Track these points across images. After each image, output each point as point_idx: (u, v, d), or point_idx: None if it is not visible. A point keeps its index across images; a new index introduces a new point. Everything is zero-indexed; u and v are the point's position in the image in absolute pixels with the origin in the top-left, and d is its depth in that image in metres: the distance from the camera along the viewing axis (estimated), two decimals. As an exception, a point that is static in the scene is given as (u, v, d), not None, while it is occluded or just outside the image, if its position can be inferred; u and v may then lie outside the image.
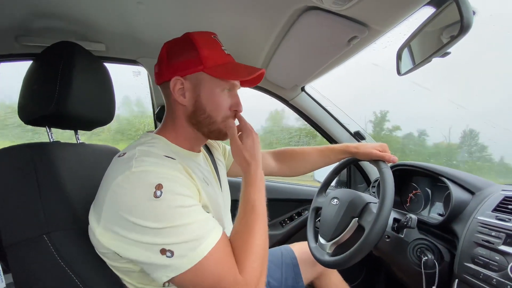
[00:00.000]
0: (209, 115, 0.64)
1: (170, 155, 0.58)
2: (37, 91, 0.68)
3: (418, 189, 1.04)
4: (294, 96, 1.37)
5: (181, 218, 0.49)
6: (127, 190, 0.50)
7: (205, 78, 0.63)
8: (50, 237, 0.58)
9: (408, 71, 0.75)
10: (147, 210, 0.48)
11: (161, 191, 0.49)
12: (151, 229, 0.48)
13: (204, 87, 0.63)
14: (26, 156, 0.61)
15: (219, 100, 0.64)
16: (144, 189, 0.49)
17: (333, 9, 0.69)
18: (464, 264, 0.67)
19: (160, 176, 0.51)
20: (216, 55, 0.64)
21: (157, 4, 0.80)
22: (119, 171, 0.52)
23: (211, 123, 0.65)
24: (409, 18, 0.68)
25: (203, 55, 0.62)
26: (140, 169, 0.51)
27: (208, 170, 0.75)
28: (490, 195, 0.77)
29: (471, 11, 0.51)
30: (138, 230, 0.49)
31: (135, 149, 0.57)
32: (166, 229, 0.48)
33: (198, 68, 0.62)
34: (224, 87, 0.64)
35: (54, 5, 0.80)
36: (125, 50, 1.12)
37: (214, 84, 0.63)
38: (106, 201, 0.51)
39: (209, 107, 0.64)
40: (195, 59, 0.62)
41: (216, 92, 0.64)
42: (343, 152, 0.95)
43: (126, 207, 0.49)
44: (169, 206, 0.49)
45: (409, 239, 0.80)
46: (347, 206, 0.84)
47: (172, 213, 0.49)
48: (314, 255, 0.86)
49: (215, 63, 0.63)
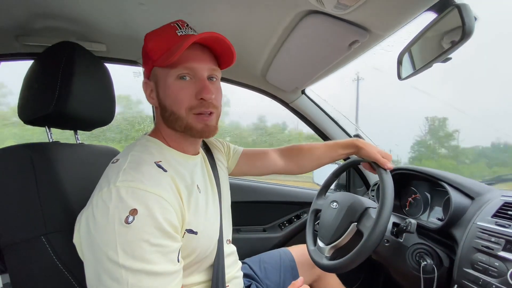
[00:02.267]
0: (171, 111, 0.58)
1: (163, 164, 0.56)
2: (38, 91, 0.68)
3: (418, 193, 1.04)
4: (295, 98, 1.37)
5: (140, 259, 0.45)
6: (104, 205, 0.47)
7: (158, 72, 0.59)
8: (47, 238, 0.58)
9: (408, 76, 0.75)
10: (112, 234, 0.45)
11: (134, 218, 0.46)
12: (107, 260, 0.45)
13: (160, 81, 0.59)
14: (25, 156, 0.60)
15: (174, 90, 0.57)
16: (118, 210, 0.46)
17: (334, 13, 0.69)
18: (463, 269, 0.66)
19: (139, 198, 0.48)
20: (161, 42, 0.58)
21: (159, 5, 0.80)
22: (107, 181, 0.51)
23: (177, 119, 0.58)
24: (410, 23, 0.68)
25: (149, 49, 0.59)
26: (123, 184, 0.49)
27: (204, 174, 0.72)
28: (490, 201, 0.76)
29: (472, 17, 0.51)
30: (97, 253, 0.46)
31: (128, 155, 0.56)
32: (119, 269, 0.44)
33: (149, 65, 0.59)
34: (178, 74, 0.57)
35: (55, 5, 0.80)
36: (126, 51, 1.12)
37: (166, 75, 0.57)
38: (88, 209, 0.50)
39: (167, 102, 0.58)
40: (146, 56, 0.60)
41: (169, 82, 0.57)
42: (351, 146, 0.93)
43: (96, 224, 0.47)
44: (136, 237, 0.45)
45: (408, 244, 0.80)
46: (346, 210, 0.84)
47: (135, 246, 0.45)
48: (313, 258, 0.85)
49: (160, 52, 0.57)
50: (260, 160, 0.97)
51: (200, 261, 0.63)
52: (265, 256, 1.03)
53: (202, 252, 0.61)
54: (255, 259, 1.01)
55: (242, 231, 1.44)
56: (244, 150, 0.97)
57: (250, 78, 1.31)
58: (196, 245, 0.59)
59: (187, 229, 0.56)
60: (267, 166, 0.98)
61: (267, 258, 1.02)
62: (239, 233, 1.43)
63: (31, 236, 0.57)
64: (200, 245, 0.60)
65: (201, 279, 0.66)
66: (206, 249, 0.62)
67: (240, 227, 1.45)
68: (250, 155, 0.96)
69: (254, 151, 0.98)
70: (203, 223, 0.61)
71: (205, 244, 0.62)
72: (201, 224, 0.60)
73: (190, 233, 0.57)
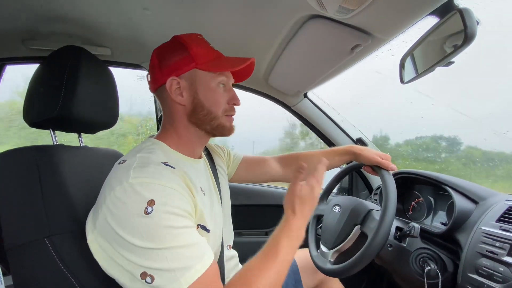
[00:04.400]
0: (209, 110, 0.64)
1: (170, 163, 0.57)
2: (43, 94, 0.69)
3: (421, 197, 1.04)
4: (297, 102, 1.37)
5: (169, 240, 0.48)
6: (121, 202, 0.49)
7: (199, 75, 0.63)
8: (51, 240, 0.58)
9: (411, 79, 0.75)
10: (135, 227, 0.47)
11: (152, 208, 0.48)
12: (136, 247, 0.47)
13: (200, 83, 0.63)
14: (30, 159, 0.61)
15: (216, 94, 0.65)
16: (136, 203, 0.48)
17: (337, 17, 0.69)
18: (468, 275, 0.66)
19: (154, 190, 0.50)
20: (205, 51, 0.65)
21: (163, 10, 0.81)
22: (118, 180, 0.52)
23: (212, 119, 0.65)
24: (413, 27, 0.69)
25: (193, 53, 0.63)
26: (136, 180, 0.50)
27: (208, 177, 0.74)
28: (494, 205, 0.76)
29: (475, 22, 0.52)
30: (124, 245, 0.48)
31: (135, 156, 0.57)
32: (151, 251, 0.47)
33: (191, 66, 0.62)
34: (219, 81, 0.65)
35: (60, 10, 0.82)
36: (130, 55, 1.13)
37: (209, 79, 0.64)
38: (102, 210, 0.51)
39: (207, 102, 0.64)
40: (186, 57, 0.63)
41: (212, 86, 0.64)
42: (347, 153, 0.94)
43: (117, 220, 0.48)
44: (158, 225, 0.47)
45: (411, 248, 0.79)
46: (349, 213, 0.83)
47: (160, 233, 0.47)
48: (316, 263, 0.85)
49: (206, 59, 0.63)
50: (259, 167, 0.98)
51: None
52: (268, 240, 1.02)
53: None
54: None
55: (243, 234, 1.44)
56: (244, 157, 0.97)
57: (253, 81, 1.32)
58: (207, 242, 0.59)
59: (199, 224, 0.58)
60: (266, 174, 0.99)
61: None
62: (241, 237, 1.42)
63: (35, 238, 0.58)
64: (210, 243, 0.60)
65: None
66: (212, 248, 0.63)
67: (242, 231, 1.44)
68: (249, 162, 0.97)
69: (253, 158, 0.99)
70: (210, 223, 0.62)
71: (212, 243, 0.63)
72: (210, 223, 0.61)
73: (203, 230, 0.58)
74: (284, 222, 0.62)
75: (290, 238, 0.59)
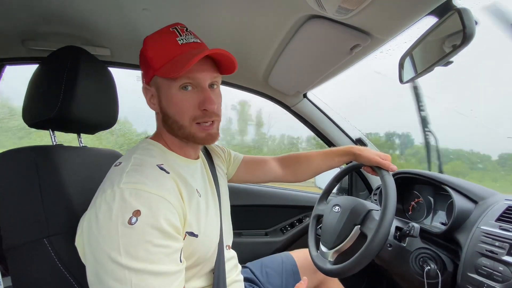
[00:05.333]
0: (174, 119, 0.59)
1: (165, 167, 0.57)
2: (42, 95, 0.69)
3: (420, 197, 1.04)
4: (296, 102, 1.37)
5: (143, 259, 0.45)
6: (107, 207, 0.47)
7: (160, 81, 0.58)
8: (50, 241, 0.58)
9: (410, 79, 0.75)
10: (115, 235, 0.45)
11: (137, 219, 0.46)
12: (109, 260, 0.45)
13: (162, 90, 0.59)
14: (29, 159, 0.61)
15: (177, 101, 0.58)
16: (122, 211, 0.46)
17: (336, 17, 0.69)
18: (468, 274, 0.66)
19: (143, 199, 0.48)
20: (163, 52, 0.57)
21: (162, 10, 0.81)
22: (111, 183, 0.51)
23: (180, 128, 0.60)
24: (412, 27, 0.69)
25: (149, 57, 0.58)
26: (127, 186, 0.49)
27: (204, 178, 0.73)
28: (494, 205, 0.76)
29: (473, 21, 0.52)
30: (98, 254, 0.46)
31: (130, 158, 0.56)
32: (122, 269, 0.44)
33: (150, 73, 0.59)
34: (181, 84, 0.57)
35: (60, 11, 0.82)
36: (130, 55, 1.13)
37: (168, 85, 0.57)
38: (90, 211, 0.50)
39: (170, 111, 0.59)
40: (146, 64, 0.59)
41: (172, 93, 0.57)
42: (347, 153, 0.94)
43: (99, 225, 0.47)
44: (138, 238, 0.45)
45: (411, 248, 0.79)
46: (349, 214, 0.83)
47: (137, 247, 0.45)
48: (316, 263, 0.85)
49: (162, 62, 0.57)
50: (259, 168, 0.98)
51: (200, 264, 0.63)
52: (267, 260, 1.02)
53: (202, 256, 0.61)
54: (256, 263, 1.01)
55: (243, 235, 1.44)
56: (245, 157, 0.97)
57: (252, 82, 1.32)
58: (196, 247, 0.59)
59: (187, 231, 0.56)
60: (266, 174, 0.99)
61: (269, 262, 1.01)
62: (241, 237, 1.42)
63: (34, 238, 0.58)
64: (200, 248, 0.60)
65: (201, 284, 0.65)
66: (206, 252, 0.62)
67: (242, 231, 1.44)
68: (249, 162, 0.97)
69: (254, 158, 0.99)
70: (203, 226, 0.61)
71: (205, 247, 0.62)
72: (202, 227, 0.60)
73: (191, 236, 0.57)
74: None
75: None
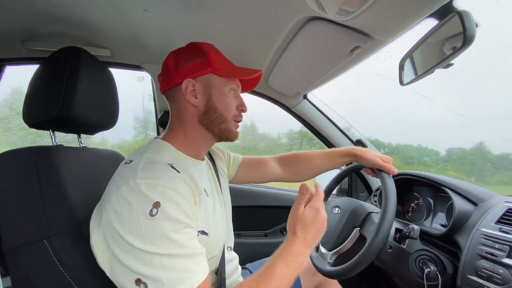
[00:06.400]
0: (221, 113, 0.67)
1: (175, 166, 0.58)
2: (43, 95, 0.69)
3: (420, 199, 1.04)
4: (296, 103, 1.37)
5: (169, 246, 0.48)
6: (126, 201, 0.49)
7: (214, 80, 0.67)
8: (50, 242, 0.58)
9: (410, 81, 0.75)
10: (138, 227, 0.47)
11: (158, 210, 0.48)
12: (135, 250, 0.47)
13: (214, 87, 0.67)
14: (29, 160, 0.61)
15: (228, 99, 0.68)
16: (141, 204, 0.48)
17: (336, 19, 0.69)
18: (467, 276, 0.66)
19: (160, 193, 0.50)
20: (221, 59, 0.69)
21: (163, 11, 0.81)
22: (124, 179, 0.52)
23: (222, 122, 0.68)
24: (412, 29, 0.69)
25: (211, 59, 0.67)
26: (143, 181, 0.51)
27: (210, 179, 0.75)
28: (493, 207, 0.76)
29: (474, 24, 0.52)
30: (123, 246, 0.48)
31: (141, 156, 0.57)
32: (149, 255, 0.47)
33: (207, 70, 0.66)
34: (231, 87, 0.69)
35: (60, 11, 0.82)
36: (130, 56, 1.13)
37: (223, 85, 0.68)
38: (107, 209, 0.51)
39: (220, 106, 0.67)
40: (204, 62, 0.66)
41: (225, 91, 0.68)
42: (349, 154, 0.93)
43: (121, 219, 0.48)
44: (161, 228, 0.48)
45: (411, 250, 0.79)
46: (348, 216, 0.83)
47: (161, 237, 0.48)
48: (315, 264, 0.85)
49: (222, 66, 0.68)
50: (259, 168, 0.98)
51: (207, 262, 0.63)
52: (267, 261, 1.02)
53: (210, 253, 0.62)
54: (256, 264, 1.01)
55: (243, 236, 1.43)
56: (244, 158, 0.98)
57: (252, 83, 1.32)
58: (206, 246, 0.59)
59: (199, 231, 0.58)
60: (266, 175, 0.99)
61: None
62: (240, 238, 1.42)
63: (34, 239, 0.57)
64: (210, 246, 0.61)
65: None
66: (213, 251, 0.64)
67: (241, 232, 1.44)
68: (249, 163, 0.97)
69: (253, 159, 1.00)
70: (212, 225, 0.62)
71: (213, 245, 0.63)
72: (211, 226, 0.62)
73: (203, 234, 0.59)
74: (284, 245, 0.59)
75: (288, 263, 0.56)
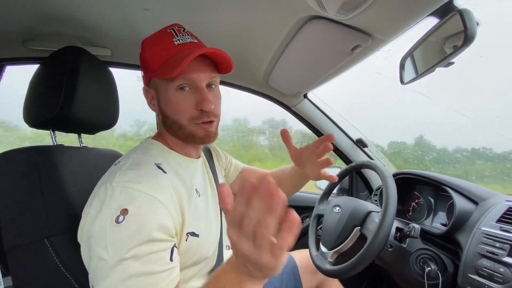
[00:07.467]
0: (173, 119, 0.60)
1: (163, 166, 0.57)
2: (43, 95, 0.69)
3: (421, 198, 1.04)
4: (297, 103, 1.37)
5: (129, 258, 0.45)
6: (99, 204, 0.48)
7: (158, 82, 0.60)
8: (51, 241, 0.58)
9: (411, 80, 0.75)
10: (103, 233, 0.45)
11: (124, 217, 0.45)
12: (98, 258, 0.45)
13: (160, 91, 0.60)
14: (30, 159, 0.61)
15: (175, 101, 0.58)
16: (111, 209, 0.46)
17: (337, 18, 0.69)
18: (468, 275, 0.66)
19: (133, 198, 0.47)
20: (159, 53, 0.58)
21: (163, 10, 0.81)
22: (105, 181, 0.52)
23: (179, 128, 0.60)
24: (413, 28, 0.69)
25: (147, 59, 0.59)
26: (120, 184, 0.49)
27: (205, 178, 0.73)
28: (494, 206, 0.76)
29: (474, 22, 0.52)
30: (91, 252, 0.47)
31: (129, 157, 0.57)
32: (108, 267, 0.44)
33: (149, 74, 0.60)
34: (178, 84, 0.57)
35: (61, 11, 0.82)
36: (130, 55, 1.13)
37: (166, 85, 0.58)
38: (85, 209, 0.51)
39: (169, 111, 0.60)
40: (145, 65, 0.60)
41: (170, 93, 0.58)
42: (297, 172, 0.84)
43: (93, 222, 0.47)
44: (125, 237, 0.45)
45: (411, 249, 0.79)
46: (349, 215, 0.83)
47: (124, 247, 0.45)
48: (316, 263, 0.85)
49: (159, 63, 0.58)
50: None
51: (200, 264, 0.63)
52: None
53: (203, 255, 0.62)
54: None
55: None
56: (245, 168, 0.95)
57: (253, 82, 1.32)
58: (197, 247, 0.59)
59: (189, 232, 0.57)
60: None
61: None
62: None
63: (35, 238, 0.58)
64: (201, 247, 0.60)
65: (201, 285, 0.65)
66: (206, 252, 0.63)
67: None
68: (247, 175, 0.95)
69: (252, 171, 0.95)
70: (204, 226, 0.61)
71: (205, 247, 0.62)
72: (202, 227, 0.61)
73: (193, 236, 0.57)
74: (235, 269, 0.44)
75: None
